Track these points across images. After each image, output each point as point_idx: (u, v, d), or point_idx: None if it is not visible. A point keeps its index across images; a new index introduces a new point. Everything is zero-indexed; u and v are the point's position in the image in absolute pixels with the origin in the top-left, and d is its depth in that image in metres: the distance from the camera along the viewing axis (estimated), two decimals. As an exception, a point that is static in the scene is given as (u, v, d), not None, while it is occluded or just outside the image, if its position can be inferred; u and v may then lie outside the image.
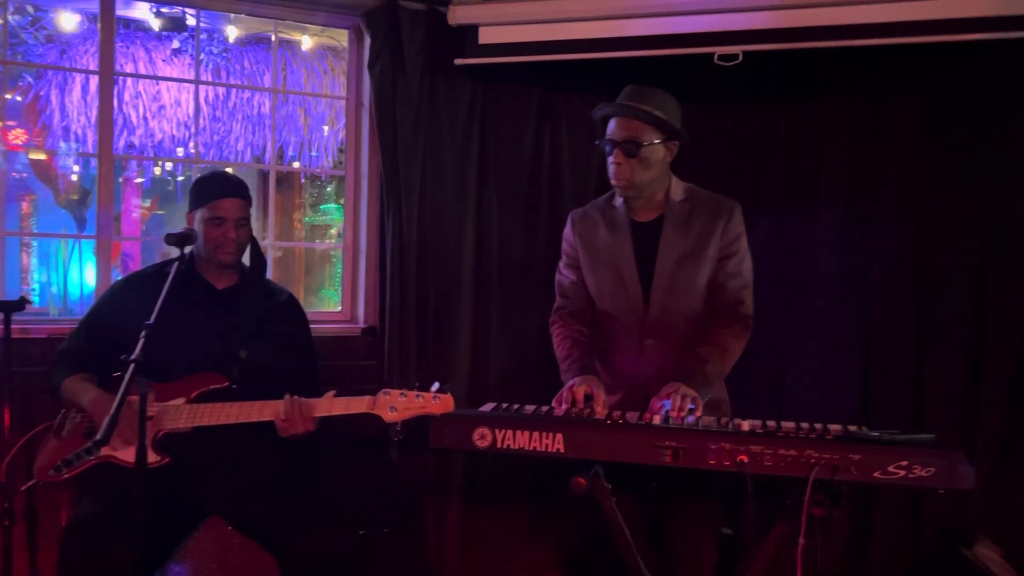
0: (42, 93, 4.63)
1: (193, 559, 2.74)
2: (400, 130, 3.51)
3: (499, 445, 2.11)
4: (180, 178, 5.81)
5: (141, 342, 2.07)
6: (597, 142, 2.58)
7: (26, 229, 6.03)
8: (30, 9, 4.26)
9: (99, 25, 3.42)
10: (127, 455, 2.41)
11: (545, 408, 2.33)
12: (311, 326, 2.90)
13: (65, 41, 4.42)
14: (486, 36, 3.45)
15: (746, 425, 2.15)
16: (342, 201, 3.98)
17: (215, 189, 2.65)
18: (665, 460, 2.02)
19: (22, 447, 2.79)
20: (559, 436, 2.05)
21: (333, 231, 6.30)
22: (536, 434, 2.07)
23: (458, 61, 3.44)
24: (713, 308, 2.59)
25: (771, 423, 2.19)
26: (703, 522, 2.62)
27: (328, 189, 6.27)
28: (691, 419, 2.21)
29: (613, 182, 2.55)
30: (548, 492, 3.48)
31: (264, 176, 5.24)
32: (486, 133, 3.64)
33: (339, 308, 3.85)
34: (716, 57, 3.12)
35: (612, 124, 2.52)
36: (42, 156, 5.50)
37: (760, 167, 3.59)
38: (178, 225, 2.76)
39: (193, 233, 2.49)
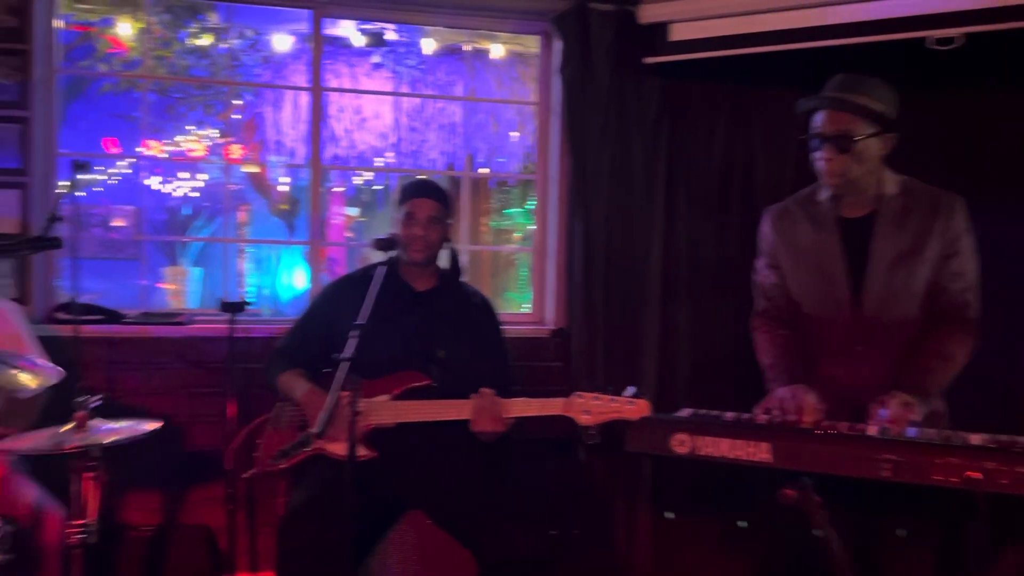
0: (258, 111, 5.02)
1: (395, 551, 2.86)
2: (589, 132, 3.51)
3: (699, 452, 2.05)
4: (378, 187, 6.11)
5: (353, 341, 2.18)
6: (802, 137, 2.44)
7: (242, 237, 6.55)
8: (249, 33, 4.63)
9: (311, 44, 3.65)
10: (337, 448, 2.54)
11: (747, 415, 2.24)
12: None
13: (278, 61, 4.76)
14: (677, 33, 3.38)
15: (976, 439, 1.97)
16: (527, 205, 4.03)
17: (409, 190, 2.78)
18: (884, 474, 1.88)
19: (244, 437, 3.02)
20: (766, 445, 1.96)
21: (517, 235, 6.39)
22: (740, 442, 1.99)
23: (648, 60, 3.40)
24: (933, 312, 2.39)
25: (1003, 437, 1.99)
26: (917, 542, 2.42)
27: (514, 194, 6.38)
28: (911, 431, 2.05)
29: (823, 180, 2.40)
30: (740, 502, 3.36)
31: (456, 183, 5.41)
32: (675, 132, 3.59)
33: (524, 310, 3.90)
34: (930, 42, 2.89)
35: (820, 117, 2.37)
36: (256, 169, 5.95)
37: (983, 158, 3.29)
38: (377, 231, 2.89)
39: (396, 237, 2.62)
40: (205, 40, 4.56)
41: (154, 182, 5.87)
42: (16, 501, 2.52)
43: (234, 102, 5.13)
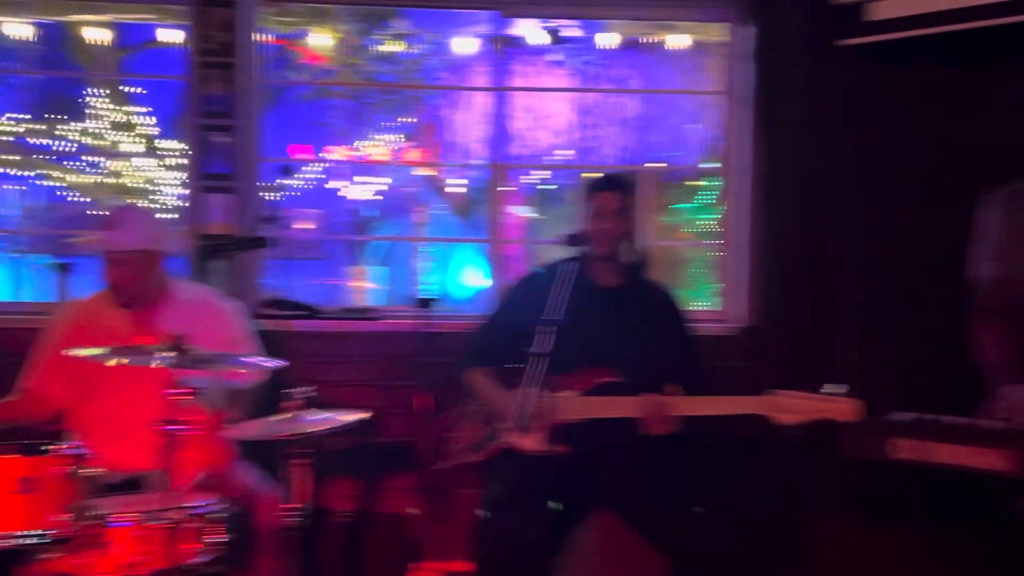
0: (438, 113, 5.17)
1: (582, 550, 2.84)
2: (781, 119, 3.37)
3: (922, 458, 1.90)
4: (554, 186, 6.13)
5: (546, 336, 2.19)
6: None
7: (420, 236, 6.76)
8: (433, 37, 4.78)
9: (493, 45, 3.71)
10: (526, 443, 2.56)
11: (980, 421, 2.05)
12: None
13: (458, 64, 4.88)
14: (876, 12, 3.20)
15: None
16: (699, 201, 3.92)
17: (596, 185, 2.77)
18: None
19: (438, 430, 3.10)
20: (1008, 453, 1.79)
21: (688, 231, 6.25)
22: (974, 449, 1.82)
23: (844, 42, 3.22)
24: None
25: None
26: None
27: (685, 189, 6.22)
28: None
29: None
30: (956, 513, 3.11)
31: (634, 179, 5.35)
32: (874, 117, 3.37)
33: (700, 307, 3.80)
34: None
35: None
36: (435, 171, 6.13)
37: None
38: (553, 231, 2.90)
39: (584, 233, 2.60)
40: (392, 47, 4.74)
41: (338, 186, 6.17)
42: (237, 484, 2.70)
43: (416, 107, 5.31)
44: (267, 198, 3.37)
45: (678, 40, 4.47)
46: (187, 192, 3.60)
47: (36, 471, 1.96)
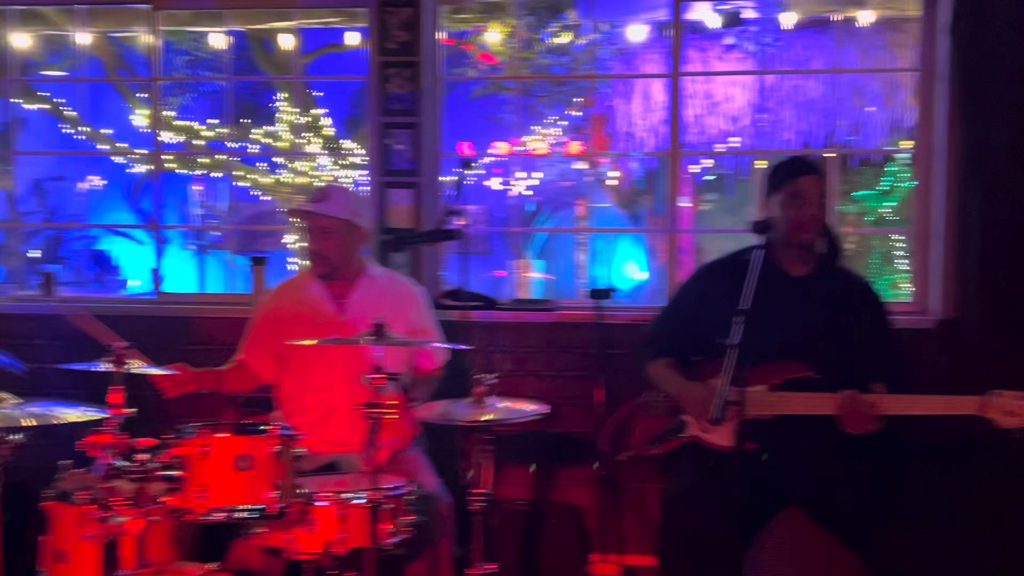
0: (609, 103, 5.14)
1: (769, 547, 2.73)
2: (983, 97, 3.11)
3: None
4: (721, 174, 5.98)
5: (738, 327, 2.12)
6: None
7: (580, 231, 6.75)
8: (605, 27, 4.76)
9: (669, 31, 3.64)
10: (713, 437, 2.49)
11: None
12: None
13: (630, 52, 4.84)
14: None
15: None
16: (882, 185, 3.68)
17: (792, 168, 2.61)
18: None
19: (617, 421, 3.08)
20: None
21: (869, 219, 5.93)
22: None
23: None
24: None
25: None
26: None
27: (867, 174, 5.90)
28: None
29: None
30: None
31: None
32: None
33: (889, 298, 3.56)
34: None
35: None
36: (601, 163, 6.10)
37: None
38: (724, 219, 2.80)
39: (773, 220, 2.50)
40: (564, 38, 4.76)
41: (500, 180, 6.27)
42: (419, 467, 2.79)
43: (586, 96, 5.31)
44: (455, 191, 3.44)
45: (864, 16, 4.23)
46: (368, 188, 3.75)
47: (251, 450, 2.09)
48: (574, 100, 5.43)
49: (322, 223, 2.77)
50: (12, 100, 5.46)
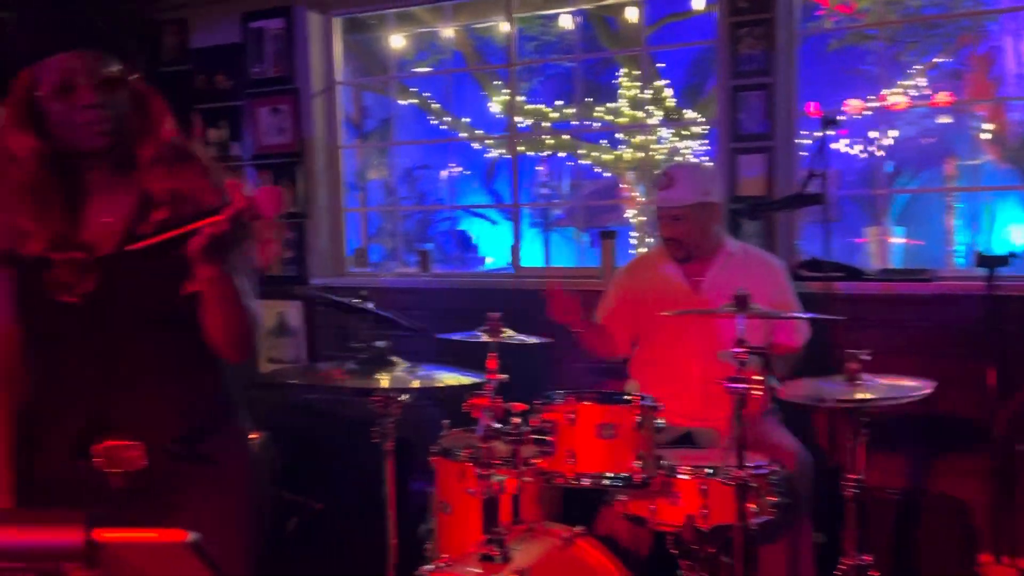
0: (995, 43, 4.48)
1: None
2: None
3: None
4: None
5: None
6: None
7: (951, 191, 6.01)
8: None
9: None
10: None
11: None
12: None
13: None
14: None
15: None
16: None
17: None
18: None
19: (1012, 407, 2.70)
20: None
21: None
22: None
23: None
24: None
25: None
26: None
27: None
28: None
29: None
30: None
31: None
32: None
33: None
34: None
35: None
36: (979, 110, 5.37)
37: None
38: None
39: None
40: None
41: (851, 141, 5.76)
42: (780, 446, 2.65)
43: (967, 37, 4.67)
44: (803, 156, 3.21)
45: None
46: (710, 158, 3.62)
47: (614, 418, 2.11)
48: (950, 42, 4.80)
49: (671, 211, 2.73)
50: (389, 97, 6.12)
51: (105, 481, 1.43)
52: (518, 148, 4.35)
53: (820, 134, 3.02)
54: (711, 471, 2.17)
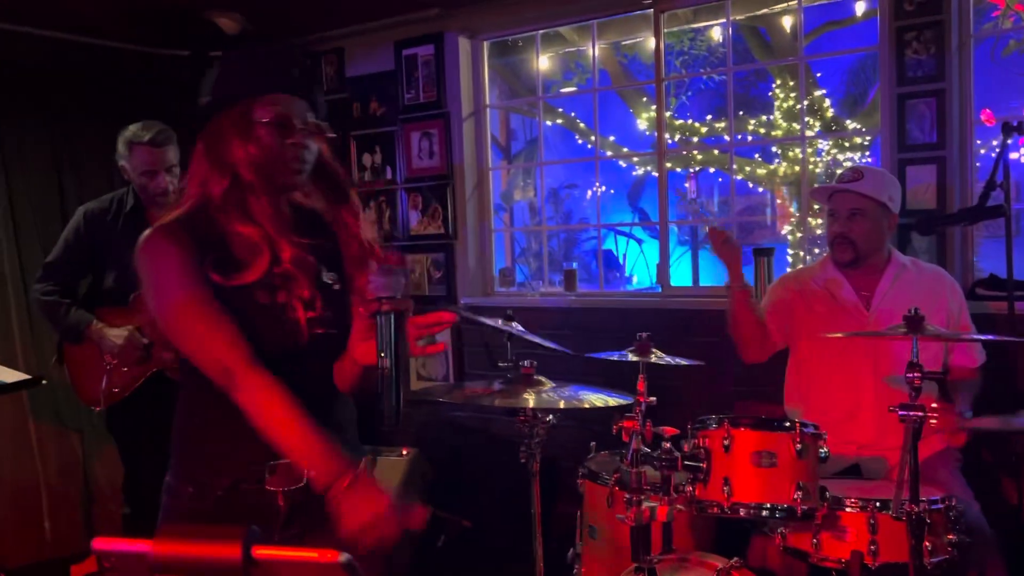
0: None
1: None
2: None
3: None
4: None
5: None
6: None
7: None
8: None
9: None
10: None
11: None
12: None
13: None
14: None
15: None
16: None
17: None
18: None
19: None
20: None
21: None
22: None
23: None
24: None
25: None
26: None
27: None
28: None
29: None
30: None
31: None
32: None
33: None
34: None
35: None
36: None
37: None
38: None
39: None
40: None
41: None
42: (955, 482, 2.44)
43: None
44: (977, 166, 2.97)
45: None
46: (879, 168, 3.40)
47: (773, 446, 2.00)
48: None
49: (854, 203, 2.57)
50: (534, 118, 6.15)
51: (272, 498, 1.47)
52: (666, 165, 4.25)
53: (1001, 143, 2.78)
54: (881, 504, 2.02)
